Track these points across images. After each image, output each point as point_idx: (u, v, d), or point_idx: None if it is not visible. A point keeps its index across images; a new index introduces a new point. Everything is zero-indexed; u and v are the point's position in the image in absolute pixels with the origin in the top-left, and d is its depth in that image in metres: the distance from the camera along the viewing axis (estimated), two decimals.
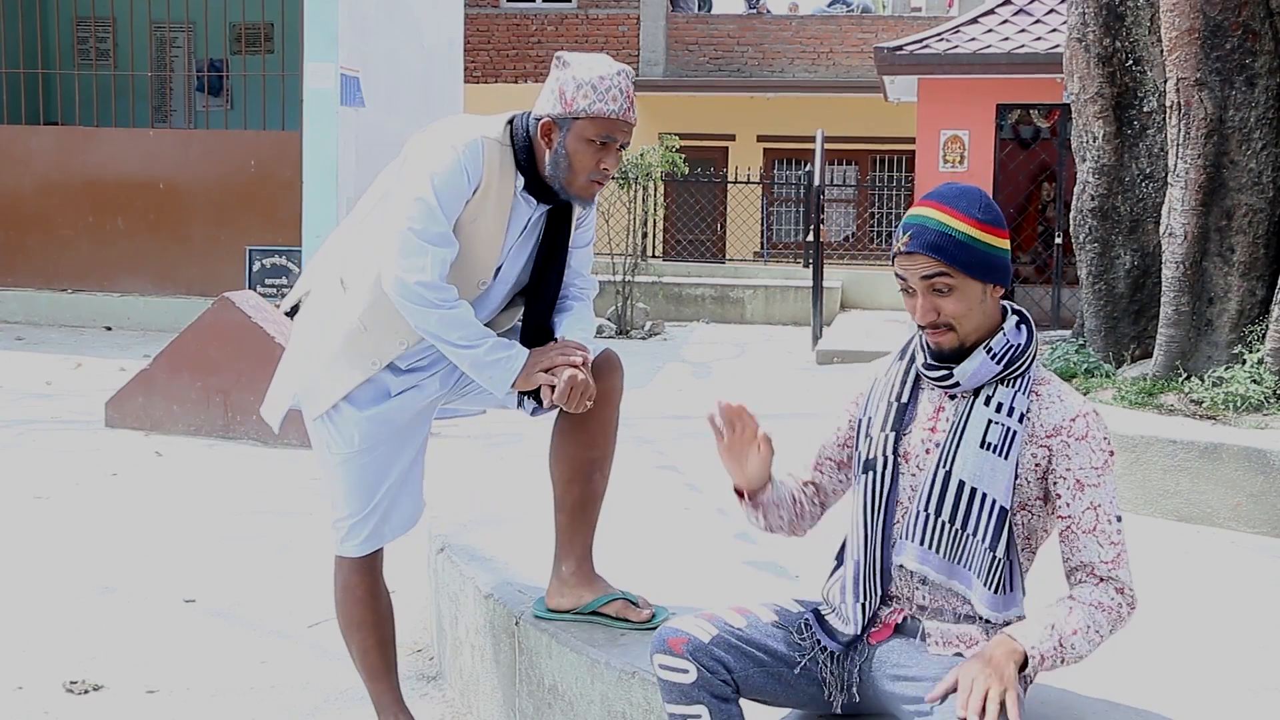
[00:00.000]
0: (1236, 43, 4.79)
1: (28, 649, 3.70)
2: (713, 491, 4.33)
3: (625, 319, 12.24)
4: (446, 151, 2.67)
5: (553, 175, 2.71)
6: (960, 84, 11.57)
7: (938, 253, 2.16)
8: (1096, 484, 2.19)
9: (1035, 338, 2.24)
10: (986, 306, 2.21)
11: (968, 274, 2.17)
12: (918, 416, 2.28)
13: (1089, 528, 2.19)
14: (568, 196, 2.75)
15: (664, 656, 2.21)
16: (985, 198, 2.23)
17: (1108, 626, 2.15)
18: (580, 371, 2.69)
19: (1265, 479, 4.06)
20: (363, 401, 2.79)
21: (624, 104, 2.68)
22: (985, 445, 2.18)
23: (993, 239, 2.18)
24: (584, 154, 2.67)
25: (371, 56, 11.72)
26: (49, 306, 11.83)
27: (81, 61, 13.16)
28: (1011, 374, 2.22)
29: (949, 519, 2.20)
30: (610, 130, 2.67)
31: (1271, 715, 2.51)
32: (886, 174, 20.07)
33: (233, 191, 11.73)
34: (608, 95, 2.65)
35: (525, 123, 2.74)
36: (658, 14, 19.99)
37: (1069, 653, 2.11)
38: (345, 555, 2.91)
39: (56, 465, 6.02)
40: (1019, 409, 2.19)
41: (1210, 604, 3.30)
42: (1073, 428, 2.19)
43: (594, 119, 2.65)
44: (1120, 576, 2.18)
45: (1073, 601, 2.15)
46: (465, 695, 3.35)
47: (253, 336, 6.54)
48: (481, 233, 2.73)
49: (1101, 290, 5.48)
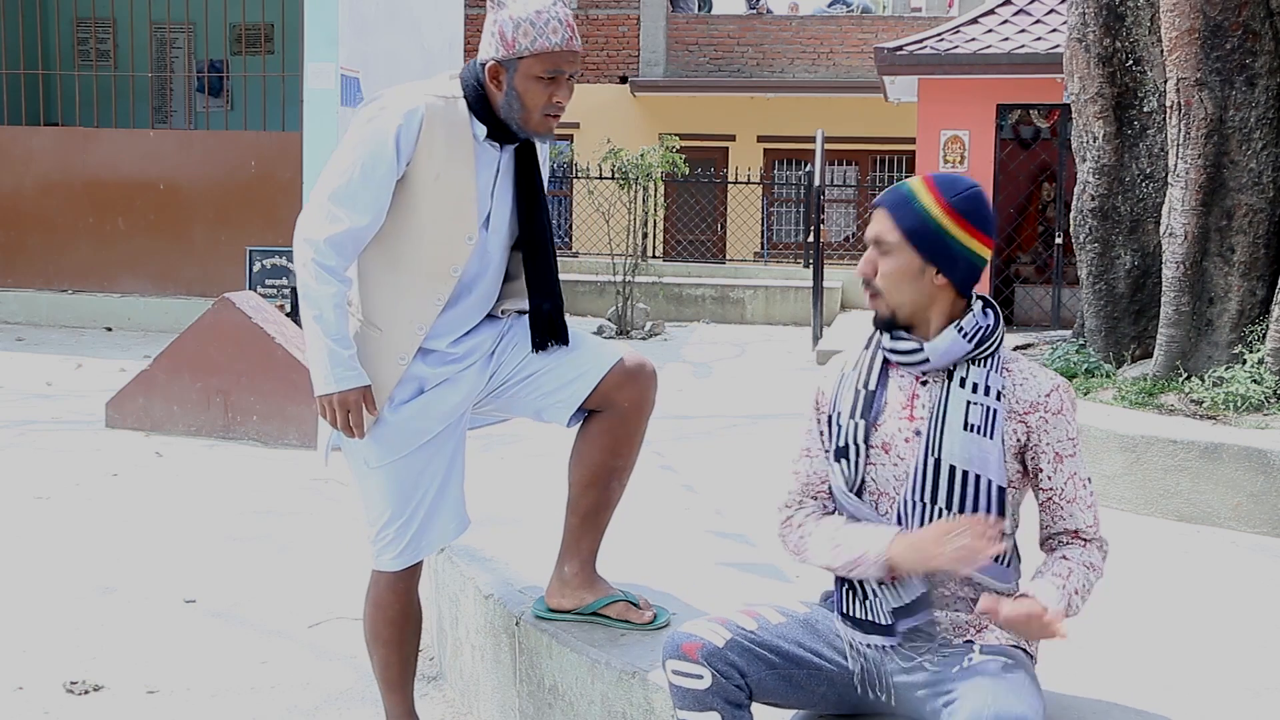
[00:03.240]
0: (1236, 43, 4.79)
1: (28, 649, 3.70)
2: (711, 492, 4.33)
3: (625, 319, 12.24)
4: (370, 120, 2.67)
5: (508, 116, 2.69)
6: (960, 84, 11.56)
7: (891, 210, 2.22)
8: (1072, 454, 2.26)
9: (1001, 321, 2.28)
10: (922, 285, 2.21)
11: (910, 241, 2.20)
12: (889, 404, 2.28)
13: (1072, 497, 2.26)
14: (526, 134, 2.73)
15: (678, 662, 2.20)
16: (976, 192, 2.24)
17: (1096, 583, 2.24)
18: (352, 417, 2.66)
19: (1265, 479, 4.06)
20: (396, 400, 2.74)
21: (565, 34, 2.65)
22: (968, 427, 2.20)
23: (953, 225, 2.20)
24: (534, 91, 2.66)
25: (371, 56, 11.72)
26: (49, 307, 11.83)
27: (82, 62, 13.16)
28: (982, 353, 2.23)
29: (945, 505, 2.20)
30: (556, 64, 2.65)
31: (1271, 715, 2.50)
32: (887, 174, 20.05)
33: (233, 192, 11.74)
34: (548, 29, 2.63)
35: (474, 70, 2.72)
36: (658, 14, 19.98)
37: (1072, 612, 2.18)
38: (382, 569, 2.83)
39: (57, 465, 6.02)
40: (995, 387, 2.21)
41: (1210, 604, 3.30)
42: (1048, 403, 2.23)
43: (538, 56, 2.63)
44: (1102, 536, 2.28)
45: (1069, 563, 2.22)
46: (465, 695, 3.35)
47: (253, 337, 6.54)
48: (451, 187, 2.70)
49: (1102, 290, 5.48)
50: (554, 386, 2.80)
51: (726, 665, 2.18)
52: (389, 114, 2.67)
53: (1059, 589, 2.16)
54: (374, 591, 2.86)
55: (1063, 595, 2.15)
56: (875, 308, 2.27)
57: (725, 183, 17.29)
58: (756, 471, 4.57)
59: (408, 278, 2.73)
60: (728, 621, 2.24)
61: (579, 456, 2.85)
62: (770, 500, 2.50)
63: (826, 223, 15.09)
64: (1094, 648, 2.78)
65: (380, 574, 2.84)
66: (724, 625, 2.23)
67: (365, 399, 2.68)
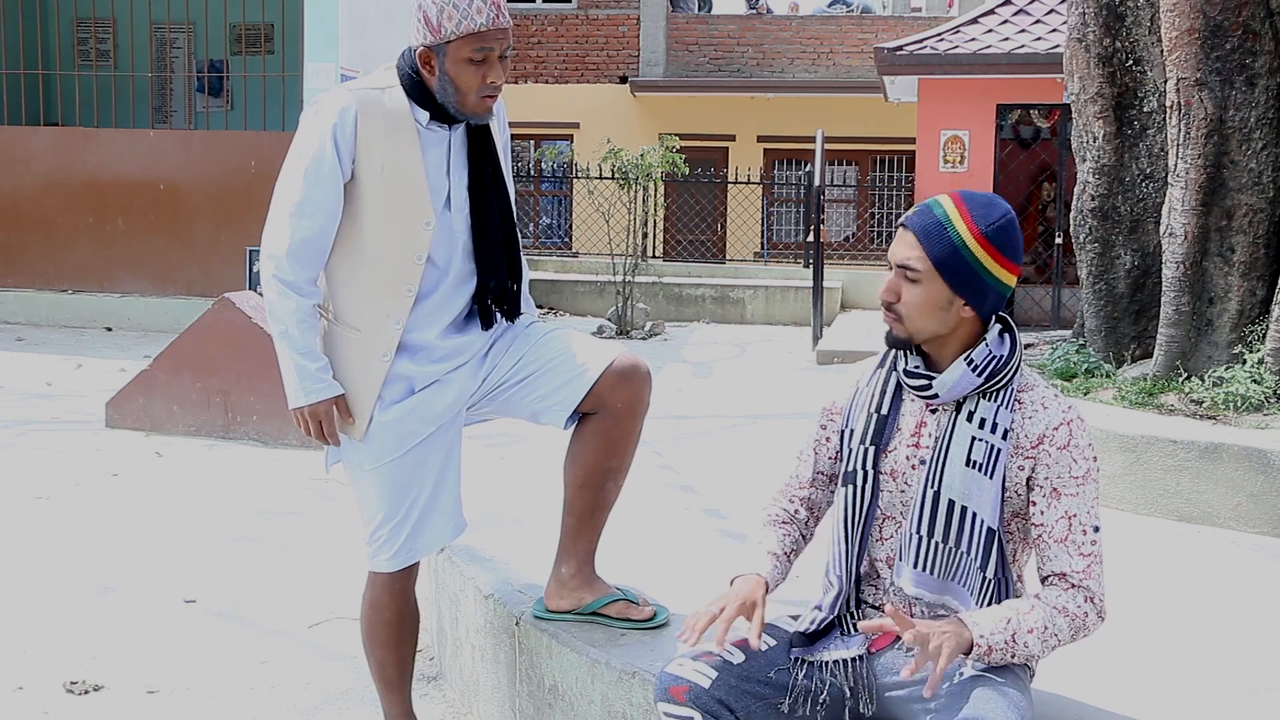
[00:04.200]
0: (1236, 43, 4.79)
1: (28, 649, 3.70)
2: (711, 492, 4.33)
3: (625, 319, 12.23)
4: (305, 124, 2.69)
5: (444, 100, 2.68)
6: (960, 84, 11.57)
7: (923, 238, 2.13)
8: (1075, 494, 2.15)
9: (1019, 348, 2.19)
10: (947, 317, 2.15)
11: (939, 272, 2.12)
12: (901, 430, 2.24)
13: (1060, 537, 2.15)
14: (464, 117, 2.71)
15: (667, 705, 2.19)
16: (1010, 220, 2.15)
17: (1068, 632, 2.13)
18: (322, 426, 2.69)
19: (1265, 479, 4.06)
20: (386, 400, 2.73)
21: (490, 13, 2.61)
22: (970, 464, 2.14)
23: (986, 257, 2.12)
24: (466, 74, 2.64)
25: (371, 56, 11.71)
26: (49, 307, 11.83)
27: (82, 62, 13.16)
28: (993, 387, 2.16)
29: (941, 538, 2.17)
30: (484, 43, 2.62)
31: (1271, 715, 2.50)
32: (887, 174, 20.06)
33: (233, 192, 11.73)
34: (471, 9, 2.59)
35: (409, 57, 2.70)
36: (658, 14, 19.98)
37: (1020, 650, 2.09)
38: (378, 570, 2.82)
39: (57, 465, 6.02)
40: (1002, 424, 2.14)
41: (1210, 604, 3.30)
42: (1055, 436, 2.15)
43: (465, 38, 2.61)
44: (1091, 587, 2.14)
45: (1037, 600, 2.13)
46: (465, 695, 3.35)
47: (253, 337, 6.54)
48: (398, 175, 2.69)
49: (1102, 290, 5.48)
50: (549, 389, 2.79)
51: (715, 704, 2.15)
52: (323, 115, 2.67)
53: (1001, 622, 2.08)
54: (370, 593, 2.86)
55: (1004, 629, 2.07)
56: (893, 329, 2.19)
57: (725, 183, 17.28)
58: (756, 472, 4.56)
59: (373, 273, 2.71)
60: (714, 659, 2.20)
61: (573, 458, 2.84)
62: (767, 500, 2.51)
63: (826, 223, 15.08)
64: (1094, 648, 2.78)
65: (376, 575, 2.84)
66: (710, 664, 2.19)
67: (338, 407, 2.70)
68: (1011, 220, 2.15)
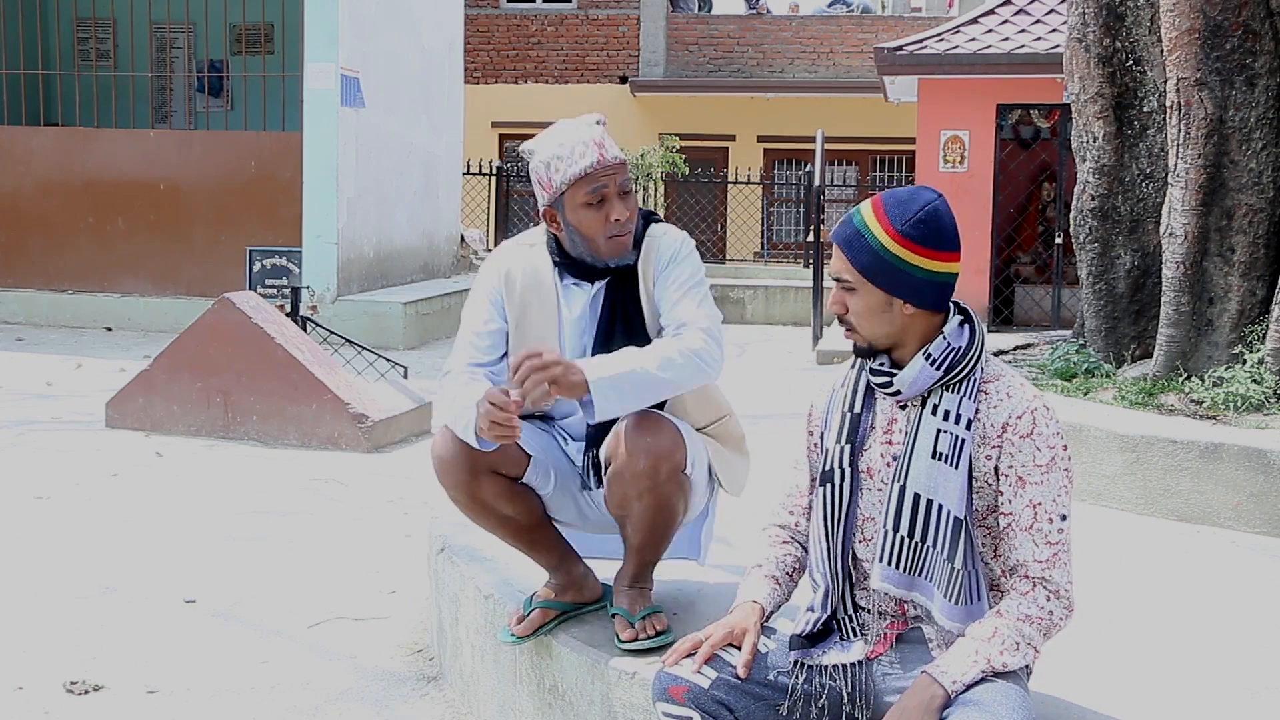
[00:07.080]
0: (1236, 43, 4.79)
1: (28, 649, 3.70)
2: None
3: None
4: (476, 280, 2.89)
5: (579, 253, 2.74)
6: (960, 84, 11.56)
7: (846, 249, 2.17)
8: (1040, 481, 2.14)
9: (980, 336, 2.20)
10: (893, 318, 2.16)
11: (869, 279, 2.15)
12: (875, 429, 2.26)
13: (1026, 525, 2.14)
14: (603, 263, 2.74)
15: (666, 705, 2.20)
16: (929, 212, 2.14)
17: (1040, 636, 2.12)
18: (502, 398, 2.50)
19: (1265, 479, 4.06)
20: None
21: (595, 154, 2.66)
22: (937, 455, 2.15)
23: (908, 254, 2.12)
24: (588, 220, 2.69)
25: (371, 56, 11.72)
26: (49, 307, 11.82)
27: (81, 62, 13.15)
28: (955, 378, 2.17)
29: (908, 533, 2.18)
30: (595, 183, 2.66)
31: (1271, 715, 2.51)
32: (887, 174, 20.06)
33: (233, 192, 11.73)
34: (574, 155, 2.66)
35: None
36: (658, 14, 19.98)
37: (1000, 669, 2.08)
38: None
39: (57, 465, 6.02)
40: (965, 415, 2.15)
41: (1210, 604, 3.30)
42: (1018, 425, 2.15)
43: (575, 184, 2.66)
44: (1053, 578, 2.13)
45: (999, 619, 2.11)
46: (466, 695, 3.35)
47: (253, 337, 6.54)
48: (533, 324, 2.79)
49: (1102, 290, 5.48)
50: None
51: (714, 704, 2.16)
52: (484, 275, 2.86)
53: (969, 657, 2.07)
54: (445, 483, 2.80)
55: (974, 664, 2.06)
56: (852, 340, 2.23)
57: (725, 183, 17.29)
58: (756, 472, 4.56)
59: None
60: (715, 659, 2.21)
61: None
62: (770, 501, 2.51)
63: (826, 223, 15.09)
64: (1094, 647, 2.78)
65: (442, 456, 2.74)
66: (710, 664, 2.20)
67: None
68: (932, 210, 2.14)
